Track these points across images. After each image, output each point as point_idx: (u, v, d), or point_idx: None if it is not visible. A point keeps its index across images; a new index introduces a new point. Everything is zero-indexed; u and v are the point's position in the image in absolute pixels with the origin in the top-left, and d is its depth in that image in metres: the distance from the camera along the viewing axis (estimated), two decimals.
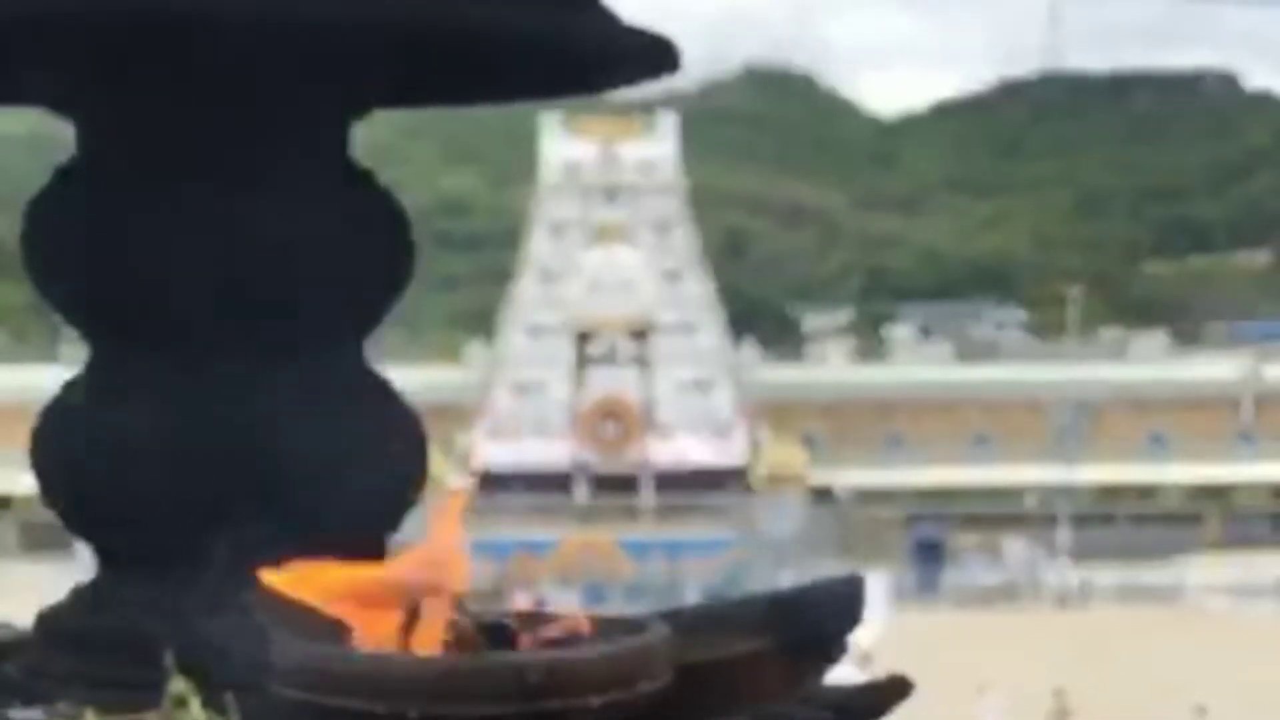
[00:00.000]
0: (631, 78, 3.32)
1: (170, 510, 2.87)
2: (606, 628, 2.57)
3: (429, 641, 2.44)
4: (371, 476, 3.04)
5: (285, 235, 2.97)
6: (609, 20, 3.04)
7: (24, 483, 3.13)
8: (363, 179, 3.20)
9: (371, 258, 3.12)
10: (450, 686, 2.38)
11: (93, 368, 3.15)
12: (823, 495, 60.98)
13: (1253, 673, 33.63)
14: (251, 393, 3.01)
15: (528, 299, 61.71)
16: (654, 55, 3.16)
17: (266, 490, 2.94)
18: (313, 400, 3.05)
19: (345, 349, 3.19)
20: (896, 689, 2.89)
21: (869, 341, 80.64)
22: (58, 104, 3.17)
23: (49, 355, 55.41)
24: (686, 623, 2.78)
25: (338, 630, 2.47)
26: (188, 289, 2.95)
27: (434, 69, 3.24)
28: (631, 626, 2.58)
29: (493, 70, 3.26)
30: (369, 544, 3.17)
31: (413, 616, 2.54)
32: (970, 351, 74.83)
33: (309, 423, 3.02)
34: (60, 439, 3.09)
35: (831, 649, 2.93)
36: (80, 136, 3.16)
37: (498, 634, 2.54)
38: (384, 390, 3.22)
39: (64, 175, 3.13)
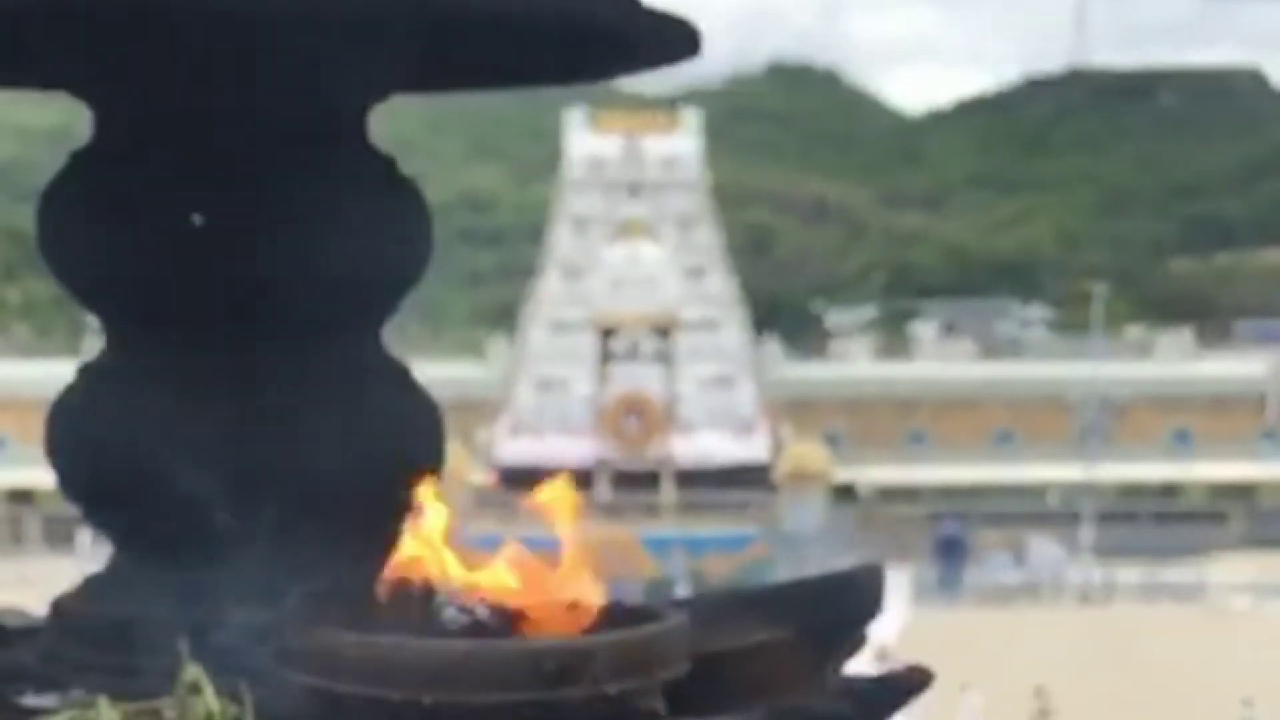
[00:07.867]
0: (652, 62, 3.29)
1: (184, 497, 2.84)
2: (623, 616, 2.55)
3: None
4: (387, 462, 3.02)
5: (301, 219, 2.94)
6: (629, 4, 3.01)
7: (47, 477, 3.10)
8: (382, 164, 3.16)
9: (389, 243, 3.08)
10: (466, 673, 2.35)
11: (107, 353, 3.13)
12: (845, 492, 60.85)
13: None
14: (267, 378, 2.98)
15: (550, 294, 61.57)
16: (675, 39, 3.12)
17: (282, 476, 2.92)
18: (329, 386, 3.02)
19: (363, 334, 3.16)
20: (916, 679, 2.86)
21: (892, 339, 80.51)
22: (75, 88, 3.15)
23: (72, 350, 55.51)
24: (705, 611, 2.76)
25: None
26: (201, 273, 2.93)
27: (455, 55, 3.21)
28: (648, 615, 2.55)
29: (512, 56, 3.24)
30: (384, 530, 3.15)
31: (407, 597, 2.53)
32: (994, 349, 74.65)
33: (325, 408, 3.00)
34: (74, 424, 3.07)
35: (851, 639, 2.91)
36: (96, 120, 3.14)
37: (514, 621, 2.51)
38: (402, 376, 3.19)
39: (78, 159, 3.11)
